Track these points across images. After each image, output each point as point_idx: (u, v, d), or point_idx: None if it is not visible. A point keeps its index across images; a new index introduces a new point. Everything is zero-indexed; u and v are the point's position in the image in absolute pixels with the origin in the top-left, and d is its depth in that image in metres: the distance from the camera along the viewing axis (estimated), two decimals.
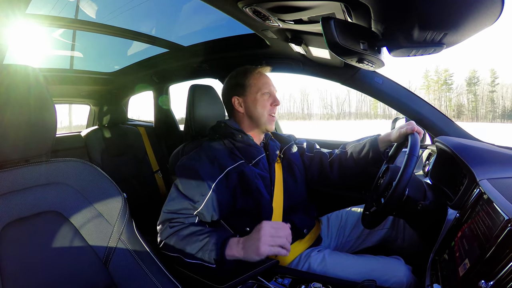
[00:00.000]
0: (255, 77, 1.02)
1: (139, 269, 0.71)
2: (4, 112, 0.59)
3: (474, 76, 52.48)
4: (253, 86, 1.01)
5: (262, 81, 1.02)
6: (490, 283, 0.50)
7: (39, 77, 0.65)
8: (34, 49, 1.56)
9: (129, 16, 1.41)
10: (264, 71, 1.06)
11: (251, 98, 1.00)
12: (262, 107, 1.00)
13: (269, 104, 1.01)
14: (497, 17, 0.54)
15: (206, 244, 0.77)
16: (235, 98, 1.02)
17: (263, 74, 1.05)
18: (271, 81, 1.05)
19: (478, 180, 0.75)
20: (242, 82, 1.02)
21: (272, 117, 1.02)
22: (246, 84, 1.01)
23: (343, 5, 0.72)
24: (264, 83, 1.01)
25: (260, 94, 1.00)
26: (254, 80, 1.01)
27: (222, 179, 0.89)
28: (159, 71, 1.96)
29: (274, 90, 1.03)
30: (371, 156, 1.06)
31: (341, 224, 1.15)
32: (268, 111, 1.01)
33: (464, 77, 60.08)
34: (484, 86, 52.05)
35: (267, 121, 1.01)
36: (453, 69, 67.65)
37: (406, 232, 1.08)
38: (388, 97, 1.20)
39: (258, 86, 1.01)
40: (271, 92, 1.02)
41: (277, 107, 1.03)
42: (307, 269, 0.93)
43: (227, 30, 1.38)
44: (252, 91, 1.01)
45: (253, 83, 1.01)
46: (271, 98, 1.02)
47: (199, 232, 0.80)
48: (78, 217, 0.68)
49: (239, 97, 1.02)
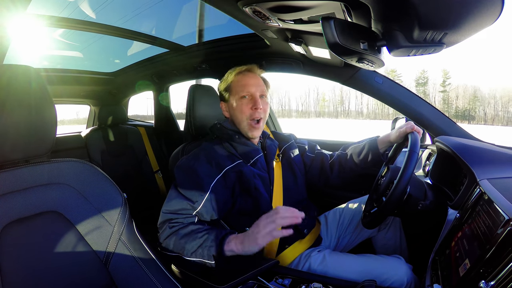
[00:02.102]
0: (234, 79, 0.96)
1: (139, 269, 0.71)
2: (5, 112, 0.59)
3: (423, 76, 53.16)
4: (232, 90, 0.96)
5: (241, 83, 0.95)
6: (490, 283, 0.50)
7: (40, 78, 0.65)
8: (34, 49, 1.56)
9: (129, 16, 1.41)
10: (246, 71, 0.98)
11: (231, 103, 0.96)
12: (240, 113, 0.93)
13: (248, 108, 0.93)
14: (497, 17, 0.54)
15: (205, 241, 0.77)
16: (222, 104, 1.01)
17: (244, 75, 0.97)
18: (254, 81, 0.95)
19: (478, 180, 0.75)
20: (224, 87, 0.99)
21: (253, 123, 0.93)
22: (228, 88, 0.98)
23: (343, 5, 0.72)
24: (242, 86, 0.94)
25: (238, 98, 0.94)
26: (233, 83, 0.96)
27: (220, 179, 0.89)
28: (159, 71, 1.96)
29: (256, 92, 0.94)
30: (370, 157, 1.06)
31: (340, 221, 1.15)
32: (248, 116, 0.93)
33: (413, 77, 60.68)
34: (435, 87, 52.59)
35: (247, 128, 0.94)
36: (402, 69, 68.26)
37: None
38: (388, 97, 1.20)
39: (236, 90, 0.95)
40: (252, 94, 0.94)
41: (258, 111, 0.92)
42: (308, 269, 0.93)
43: (227, 30, 1.38)
44: (231, 96, 0.96)
45: (233, 86, 0.96)
46: (251, 101, 0.93)
47: (198, 230, 0.80)
48: (78, 217, 0.68)
49: (224, 102, 1.00)
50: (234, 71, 0.98)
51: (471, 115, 50.58)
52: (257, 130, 0.96)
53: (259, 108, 0.93)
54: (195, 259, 0.77)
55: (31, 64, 0.65)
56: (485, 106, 51.44)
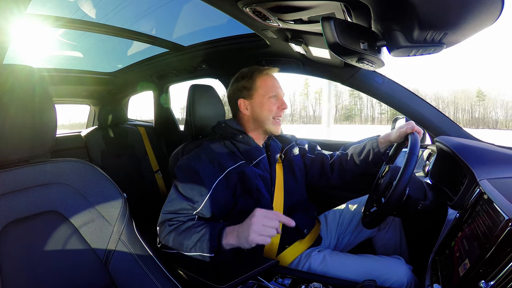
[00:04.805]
0: (262, 79, 0.99)
1: (139, 269, 0.71)
2: (5, 112, 0.59)
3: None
4: (260, 89, 0.98)
5: (270, 83, 0.99)
6: (490, 283, 0.50)
7: (41, 78, 0.65)
8: (34, 49, 1.56)
9: (129, 16, 1.41)
10: (271, 72, 1.03)
11: (257, 101, 0.98)
12: (268, 111, 0.98)
13: (276, 107, 0.99)
14: (497, 17, 0.54)
15: (204, 235, 0.77)
16: (241, 101, 1.00)
17: (271, 76, 1.02)
18: (278, 83, 1.02)
19: (478, 180, 0.75)
20: (248, 85, 1.00)
21: (278, 120, 1.00)
22: (252, 86, 0.99)
23: (343, 5, 0.73)
24: (271, 86, 0.99)
25: (267, 97, 0.98)
26: (261, 83, 0.99)
27: (222, 179, 0.89)
28: (159, 71, 1.96)
29: (281, 93, 1.01)
30: (371, 157, 1.06)
31: (340, 221, 1.15)
32: (274, 114, 0.98)
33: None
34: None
35: (272, 124, 0.99)
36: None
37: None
38: (388, 97, 1.20)
39: (265, 89, 0.98)
40: (278, 95, 1.00)
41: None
42: (308, 269, 0.93)
43: (227, 30, 1.38)
44: (258, 94, 0.98)
45: (260, 85, 0.99)
46: (278, 101, 0.99)
47: (196, 225, 0.81)
48: (78, 217, 0.68)
49: (246, 99, 1.00)
50: (260, 70, 1.01)
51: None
52: (279, 126, 1.02)
53: (286, 108, 1.01)
54: (194, 253, 0.77)
55: (31, 64, 0.65)
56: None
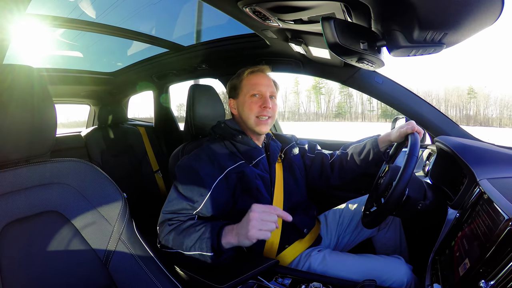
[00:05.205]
0: (246, 78, 1.00)
1: (139, 269, 0.71)
2: (6, 112, 0.59)
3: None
4: (244, 88, 0.99)
5: (252, 82, 0.98)
6: (490, 283, 0.50)
7: (41, 78, 0.65)
8: (34, 49, 1.56)
9: (129, 16, 1.41)
10: (259, 71, 1.01)
11: (241, 101, 0.99)
12: (248, 110, 0.97)
13: (257, 106, 0.96)
14: (497, 17, 0.54)
15: (203, 233, 0.77)
16: (231, 100, 1.03)
17: (257, 74, 1.01)
18: (265, 81, 1.00)
19: (478, 180, 0.75)
20: (235, 84, 1.02)
21: (262, 120, 0.97)
22: (238, 85, 1.00)
23: (343, 5, 0.73)
24: (254, 84, 0.98)
25: (249, 96, 0.97)
26: (245, 81, 0.99)
27: (222, 179, 0.89)
28: (159, 71, 1.96)
29: (266, 91, 0.98)
30: (371, 156, 1.06)
31: (340, 221, 1.15)
32: (255, 113, 0.96)
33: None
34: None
35: (254, 124, 0.97)
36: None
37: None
38: (388, 97, 1.20)
39: (248, 88, 0.98)
40: (262, 93, 0.97)
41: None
42: (308, 269, 0.93)
43: (227, 30, 1.38)
44: (242, 93, 0.99)
45: (244, 84, 0.99)
46: (261, 100, 0.97)
47: (196, 224, 0.81)
48: (78, 217, 0.68)
49: (234, 99, 1.02)
50: (247, 70, 1.01)
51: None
52: (265, 126, 0.97)
53: (268, 107, 0.96)
54: (194, 252, 0.77)
55: (31, 64, 0.65)
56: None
